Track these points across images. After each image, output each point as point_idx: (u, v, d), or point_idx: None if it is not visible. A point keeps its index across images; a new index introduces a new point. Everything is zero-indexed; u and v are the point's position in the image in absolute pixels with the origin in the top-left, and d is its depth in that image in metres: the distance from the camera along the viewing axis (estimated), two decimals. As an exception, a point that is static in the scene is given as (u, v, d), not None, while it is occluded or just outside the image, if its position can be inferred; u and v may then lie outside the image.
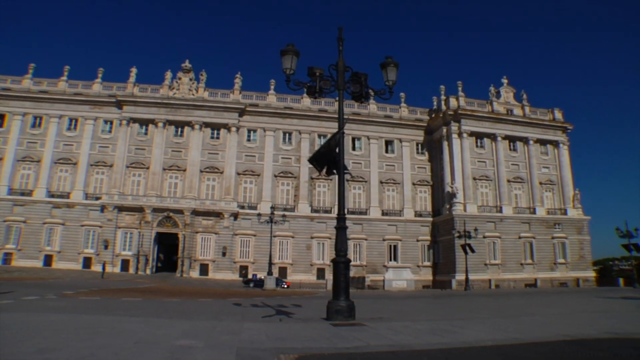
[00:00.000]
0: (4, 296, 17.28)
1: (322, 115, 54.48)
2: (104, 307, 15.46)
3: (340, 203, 10.64)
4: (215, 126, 52.91)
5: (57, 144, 51.79)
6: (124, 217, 49.33)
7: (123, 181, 50.72)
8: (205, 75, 54.11)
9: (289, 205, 51.87)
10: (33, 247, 48.89)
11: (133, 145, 51.84)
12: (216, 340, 7.82)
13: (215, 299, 21.67)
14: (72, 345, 7.03)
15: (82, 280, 34.92)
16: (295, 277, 48.46)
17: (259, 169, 52.51)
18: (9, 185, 50.45)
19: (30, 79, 53.88)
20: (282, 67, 10.76)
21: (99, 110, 52.72)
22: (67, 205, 50.15)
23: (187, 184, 50.70)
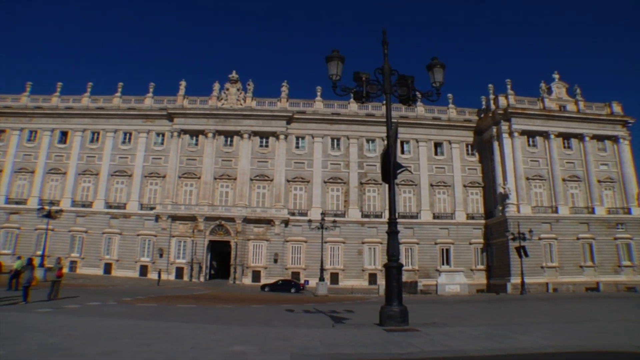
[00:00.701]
0: (71, 301, 19.07)
1: (370, 120, 55.02)
2: (160, 313, 16.41)
3: (391, 207, 10.70)
4: (263, 135, 54.54)
5: (113, 157, 55.00)
6: (177, 226, 51.51)
7: (176, 191, 53.06)
8: (252, 84, 56.07)
9: (339, 211, 52.54)
10: (94, 255, 52.05)
11: (184, 156, 54.20)
12: (270, 345, 8.15)
13: (268, 305, 22.38)
14: (132, 350, 7.63)
15: (139, 287, 36.42)
16: (347, 283, 49.10)
17: (308, 175, 53.61)
18: (72, 197, 53.95)
19: (88, 97, 57.68)
20: (328, 74, 10.92)
21: (151, 123, 55.57)
22: (123, 215, 52.98)
23: (237, 193, 52.44)
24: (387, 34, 11.57)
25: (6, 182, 55.47)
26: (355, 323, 12.60)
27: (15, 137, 57.01)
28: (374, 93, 11.09)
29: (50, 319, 12.25)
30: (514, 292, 44.45)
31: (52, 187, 55.34)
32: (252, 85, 56.02)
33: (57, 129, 56.94)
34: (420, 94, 11.55)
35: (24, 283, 18.04)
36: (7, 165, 55.93)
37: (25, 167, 55.99)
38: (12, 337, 8.70)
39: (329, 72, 10.91)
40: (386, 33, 11.57)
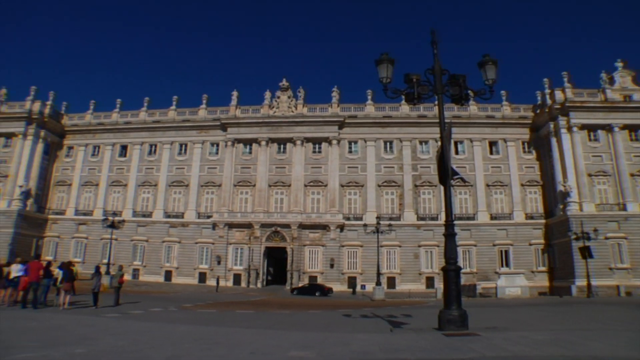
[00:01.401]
0: (134, 306, 20.51)
1: (422, 121, 55.31)
2: (220, 319, 17.00)
3: (448, 210, 10.71)
4: (316, 140, 55.93)
5: (170, 168, 58.11)
6: (234, 234, 53.69)
7: (231, 199, 55.35)
8: (303, 91, 57.72)
9: (394, 214, 53.08)
10: (155, 263, 55.14)
11: (239, 165, 56.53)
12: (328, 351, 8.35)
13: (325, 310, 22.84)
14: (195, 355, 8.03)
15: (198, 294, 37.55)
16: (404, 287, 49.39)
17: (362, 179, 54.42)
18: (133, 208, 57.41)
19: (145, 111, 61.48)
20: (378, 77, 11.04)
21: (206, 134, 58.29)
22: (182, 224, 55.79)
23: (292, 199, 54.09)
24: (435, 33, 11.58)
25: (75, 195, 60.08)
26: (414, 328, 12.67)
27: (81, 153, 61.68)
28: (426, 94, 11.15)
29: (118, 323, 13.45)
30: (579, 295, 43.02)
31: (115, 198, 59.19)
32: (302, 92, 57.71)
33: (117, 143, 61.07)
34: (473, 92, 11.52)
35: (93, 289, 19.44)
36: (75, 179, 60.67)
37: (91, 180, 60.32)
38: (89, 339, 9.78)
39: (379, 75, 11.06)
40: (435, 33, 11.58)
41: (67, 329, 11.29)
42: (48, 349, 8.27)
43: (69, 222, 59.54)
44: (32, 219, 58.23)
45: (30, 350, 8.05)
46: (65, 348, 8.40)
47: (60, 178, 62.23)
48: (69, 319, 14.10)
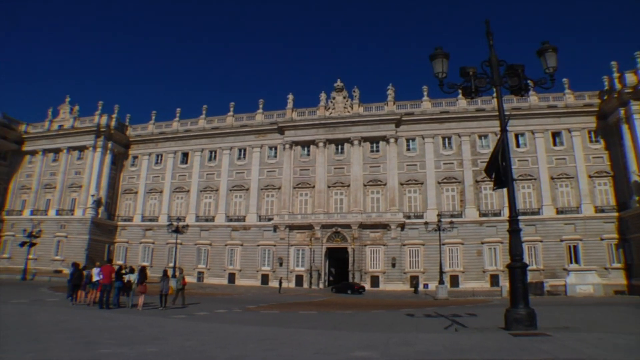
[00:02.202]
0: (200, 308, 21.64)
1: (480, 115, 55.36)
2: (283, 320, 17.49)
3: (511, 205, 10.68)
4: (373, 139, 57.33)
5: (230, 173, 61.52)
6: (295, 235, 56.04)
7: (291, 201, 57.82)
8: (358, 91, 59.37)
9: (456, 211, 53.48)
10: (218, 266, 58.42)
11: (297, 167, 58.95)
12: (392, 351, 8.47)
13: (388, 310, 23.04)
14: (259, 355, 8.39)
15: (261, 295, 38.84)
16: (468, 285, 49.50)
17: (421, 177, 55.23)
18: (196, 213, 61.20)
19: (204, 118, 65.43)
20: (433, 72, 11.03)
21: (263, 138, 61.29)
22: (243, 227, 58.81)
23: (352, 199, 55.74)
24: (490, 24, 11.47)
25: (141, 202, 64.90)
26: (479, 327, 12.60)
27: (145, 162, 66.64)
28: (483, 87, 11.04)
29: (185, 324, 14.13)
30: (664, 295, 41.84)
31: (178, 204, 63.30)
32: (357, 91, 59.38)
33: (179, 150, 65.42)
34: (532, 82, 11.27)
35: (161, 291, 20.75)
36: (141, 187, 65.60)
37: (155, 187, 64.94)
38: (159, 338, 10.52)
39: (435, 71, 11.03)
40: (489, 23, 11.47)
41: (139, 329, 12.21)
42: (123, 346, 9.09)
43: (137, 228, 64.38)
44: (104, 225, 63.46)
45: (108, 347, 8.93)
46: (139, 346, 9.15)
47: (127, 186, 67.42)
48: (140, 319, 15.18)
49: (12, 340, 9.44)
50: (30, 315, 15.06)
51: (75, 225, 62.24)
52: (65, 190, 65.88)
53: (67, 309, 18.16)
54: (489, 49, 11.38)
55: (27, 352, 7.98)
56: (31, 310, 16.90)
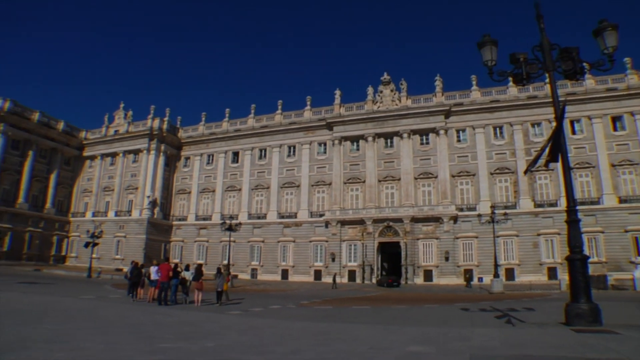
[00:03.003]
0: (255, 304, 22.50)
1: (532, 103, 55.35)
2: (336, 315, 17.96)
3: (569, 194, 10.60)
4: (422, 132, 58.74)
5: (281, 171, 64.84)
6: (346, 231, 58.43)
7: (342, 197, 60.32)
8: (405, 83, 60.96)
9: (509, 202, 53.74)
10: (271, 262, 61.71)
11: (347, 162, 61.35)
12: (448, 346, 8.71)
13: (441, 305, 23.34)
14: (314, 349, 8.70)
15: (314, 290, 39.88)
16: (524, 278, 49.52)
17: (472, 168, 56.06)
18: (248, 211, 64.92)
19: (253, 117, 69.27)
20: (482, 60, 11.04)
21: (312, 134, 64.23)
22: (295, 224, 61.85)
23: (402, 193, 57.47)
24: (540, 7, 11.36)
25: (194, 202, 69.50)
26: (538, 322, 12.63)
27: (197, 162, 71.29)
28: (535, 73, 10.96)
29: (241, 320, 14.85)
30: None
31: (230, 202, 67.30)
32: (405, 84, 60.97)
33: (229, 150, 69.57)
34: (589, 65, 10.95)
35: (217, 288, 21.69)
36: (194, 187, 70.27)
37: (207, 187, 69.34)
38: (216, 334, 11.11)
39: (483, 59, 11.02)
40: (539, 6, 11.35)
41: (196, 325, 12.97)
42: (182, 341, 9.65)
43: (191, 227, 68.92)
44: (159, 225, 68.31)
45: (168, 341, 9.59)
46: (197, 341, 9.62)
47: (180, 187, 72.23)
48: (197, 315, 16.01)
49: (84, 332, 10.56)
50: (97, 310, 16.60)
51: (133, 226, 67.46)
52: (123, 192, 71.42)
53: (128, 305, 19.54)
54: (540, 32, 11.23)
55: (98, 344, 8.87)
56: (97, 305, 18.65)
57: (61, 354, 7.65)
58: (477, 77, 59.50)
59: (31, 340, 8.91)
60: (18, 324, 11.45)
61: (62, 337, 9.64)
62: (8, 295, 20.99)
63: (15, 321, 12.08)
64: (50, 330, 10.52)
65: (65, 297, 21.53)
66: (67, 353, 7.76)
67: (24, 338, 9.21)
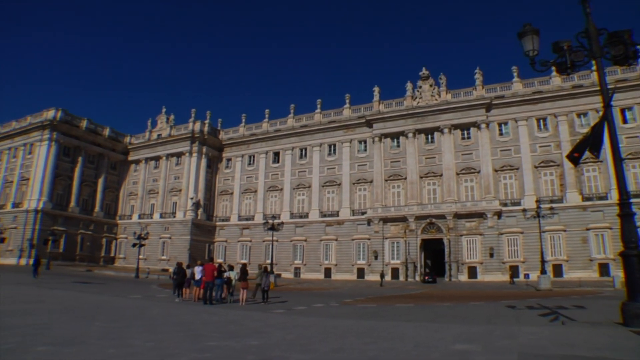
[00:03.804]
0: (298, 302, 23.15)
1: (578, 92, 55.34)
2: (380, 313, 18.40)
3: (620, 186, 10.41)
4: (463, 126, 60.19)
5: (322, 169, 67.94)
6: (389, 228, 60.72)
7: (384, 194, 62.68)
8: (444, 78, 62.60)
9: (555, 196, 54.08)
10: (314, 261, 64.75)
11: (388, 159, 63.71)
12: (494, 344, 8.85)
13: (487, 302, 23.64)
14: (358, 348, 8.97)
15: (357, 289, 40.51)
16: (572, 275, 49.64)
17: (516, 162, 56.75)
18: (290, 210, 68.30)
19: (292, 117, 72.84)
20: (523, 51, 10.93)
21: (352, 132, 66.97)
22: (337, 222, 64.66)
23: (445, 189, 59.16)
24: None
25: (237, 203, 73.73)
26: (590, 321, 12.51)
27: (238, 163, 75.59)
28: (580, 61, 10.72)
29: (285, 318, 15.23)
30: None
31: (272, 202, 70.92)
32: (444, 78, 62.63)
33: (270, 150, 73.39)
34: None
35: (263, 287, 22.47)
36: (236, 187, 74.57)
37: (249, 187, 73.40)
38: (260, 332, 11.47)
39: (525, 49, 10.90)
40: None
41: (241, 323, 13.44)
42: (228, 339, 10.09)
43: (234, 228, 73.02)
44: (203, 226, 72.62)
45: (214, 339, 9.96)
46: (242, 339, 10.10)
47: (223, 188, 76.53)
48: (241, 314, 16.58)
49: (133, 330, 11.21)
50: (145, 309, 17.47)
51: (177, 227, 72.05)
52: (167, 194, 76.23)
53: (175, 305, 20.51)
54: (585, 17, 11.02)
55: (147, 342, 9.35)
56: (145, 304, 19.60)
57: (112, 350, 8.34)
58: (518, 68, 60.12)
59: (85, 336, 9.82)
60: (73, 321, 12.59)
61: (112, 334, 10.43)
62: (64, 293, 23.25)
63: (71, 318, 13.31)
64: (102, 328, 11.35)
65: (115, 297, 23.15)
66: (118, 349, 8.43)
67: (79, 334, 10.10)
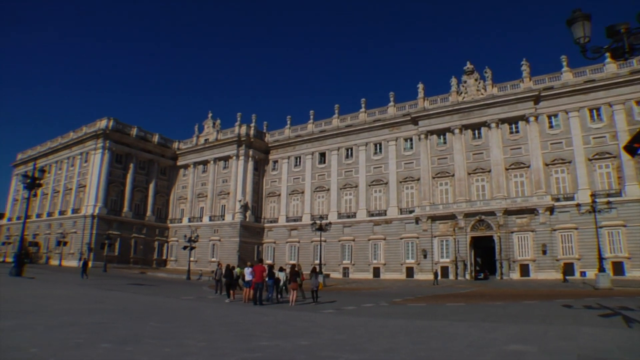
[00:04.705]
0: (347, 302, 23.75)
1: (636, 78, 54.31)
2: (430, 312, 18.95)
3: None
4: (511, 120, 60.81)
5: (368, 169, 70.43)
6: (437, 226, 62.22)
7: (431, 192, 64.33)
8: (490, 71, 63.38)
9: (612, 190, 53.46)
10: (362, 261, 67.26)
11: (435, 156, 65.37)
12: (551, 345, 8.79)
13: (541, 301, 23.70)
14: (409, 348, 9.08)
15: (407, 288, 41.29)
16: (636, 273, 48.62)
17: (568, 155, 56.39)
18: (337, 210, 71.00)
19: (337, 117, 75.84)
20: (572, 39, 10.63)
21: (397, 130, 69.07)
22: (385, 221, 66.83)
23: (493, 185, 60.04)
24: None
25: (284, 204, 77.45)
26: None
27: (285, 165, 79.41)
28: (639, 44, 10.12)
29: (334, 318, 15.72)
30: None
31: (319, 203, 73.96)
32: (490, 72, 63.43)
33: (316, 151, 76.75)
34: None
35: (312, 287, 23.58)
36: (283, 189, 78.45)
37: (296, 189, 76.98)
38: (310, 332, 11.79)
39: (575, 37, 10.53)
40: None
41: (290, 323, 13.92)
42: (278, 339, 10.39)
43: (282, 229, 76.65)
44: (251, 228, 76.50)
45: (265, 339, 10.35)
46: (292, 339, 10.37)
47: (270, 190, 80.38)
48: (291, 314, 17.11)
49: (186, 330, 11.72)
50: (197, 310, 18.33)
51: (226, 229, 76.22)
52: (215, 197, 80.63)
53: (225, 305, 21.44)
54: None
55: (200, 341, 9.77)
56: (197, 305, 20.62)
57: (167, 350, 8.75)
58: (567, 57, 59.62)
59: (142, 336, 10.39)
60: (130, 321, 13.38)
61: (167, 334, 10.97)
62: (121, 295, 24.66)
63: (128, 318, 14.13)
64: (157, 328, 11.96)
65: (168, 298, 24.26)
66: (173, 349, 8.84)
67: (135, 334, 10.66)
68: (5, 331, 10.07)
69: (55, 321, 12.22)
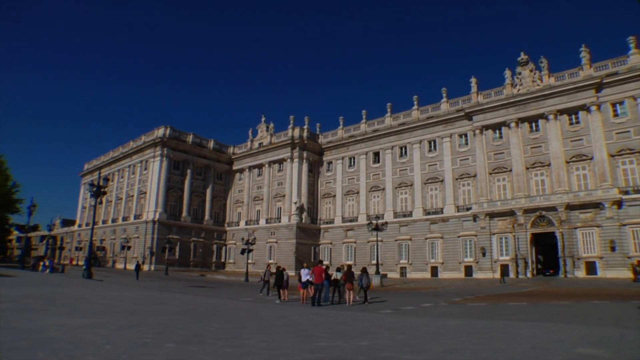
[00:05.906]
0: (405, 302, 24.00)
1: None
2: (491, 312, 18.86)
3: None
4: (570, 110, 59.36)
5: (423, 166, 71.33)
6: (496, 223, 62.05)
7: (488, 188, 64.26)
8: (545, 61, 62.08)
9: None
10: (420, 260, 68.17)
11: (491, 152, 65.28)
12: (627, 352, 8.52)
13: (612, 301, 22.96)
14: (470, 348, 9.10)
15: (466, 287, 41.50)
16: None
17: (636, 144, 53.94)
18: (393, 210, 72.28)
19: (390, 116, 77.32)
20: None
21: (451, 126, 69.52)
22: (441, 220, 67.37)
23: (554, 179, 59.00)
24: None
25: (339, 205, 79.61)
26: None
27: (339, 166, 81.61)
28: None
29: (393, 319, 15.92)
30: None
31: (374, 202, 75.38)
32: (545, 61, 62.18)
33: (369, 151, 78.45)
34: None
35: (362, 287, 24.31)
36: (338, 190, 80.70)
37: (351, 189, 78.96)
38: (369, 333, 12.11)
39: None
40: None
41: (349, 324, 14.20)
42: (338, 340, 10.61)
43: (338, 230, 78.64)
44: (307, 229, 78.82)
45: (324, 340, 10.55)
46: (352, 340, 10.58)
47: (325, 191, 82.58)
48: (350, 315, 17.39)
49: (246, 331, 12.22)
50: (256, 311, 18.75)
51: (282, 231, 78.97)
52: (271, 200, 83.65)
53: (284, 306, 21.87)
54: None
55: (260, 342, 10.12)
56: (256, 307, 21.10)
57: (229, 350, 9.10)
58: (635, 38, 56.36)
59: (204, 336, 10.81)
60: (193, 322, 13.99)
61: (228, 334, 11.40)
62: (183, 297, 25.76)
63: (190, 319, 14.77)
64: (218, 329, 12.46)
65: (227, 300, 25.08)
66: (234, 349, 9.18)
67: (198, 334, 11.13)
68: (85, 327, 11.39)
69: (125, 321, 13.31)
